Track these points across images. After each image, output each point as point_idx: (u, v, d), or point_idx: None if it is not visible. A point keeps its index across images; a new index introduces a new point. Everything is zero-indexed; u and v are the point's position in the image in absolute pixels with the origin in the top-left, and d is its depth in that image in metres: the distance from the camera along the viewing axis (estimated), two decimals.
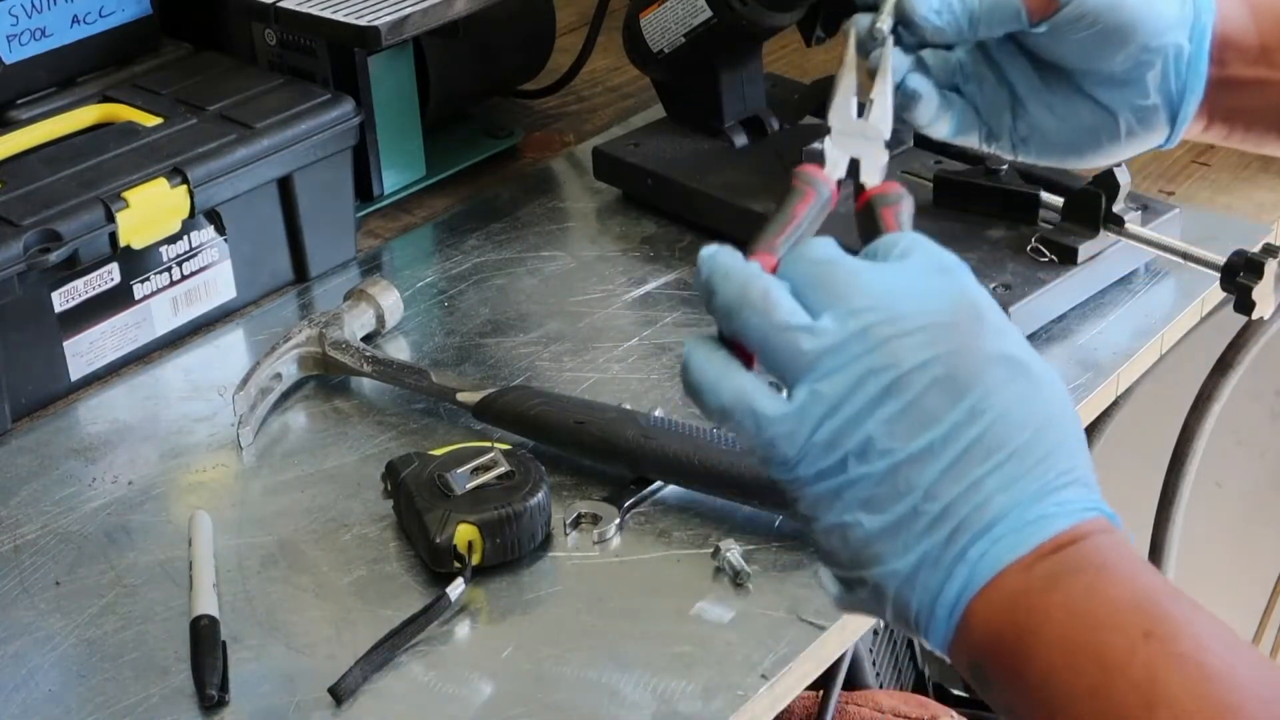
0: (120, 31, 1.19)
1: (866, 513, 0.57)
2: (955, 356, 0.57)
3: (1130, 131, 0.83)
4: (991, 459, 0.56)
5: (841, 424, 0.57)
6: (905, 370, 0.57)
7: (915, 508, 0.56)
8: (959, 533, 0.56)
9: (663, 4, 1.16)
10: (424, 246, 1.19)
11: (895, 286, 0.59)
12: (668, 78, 1.23)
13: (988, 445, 0.56)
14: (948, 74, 0.84)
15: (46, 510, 0.92)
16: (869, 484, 0.57)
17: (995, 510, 0.56)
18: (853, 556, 0.58)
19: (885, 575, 0.57)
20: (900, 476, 0.56)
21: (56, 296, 1.00)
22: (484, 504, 0.84)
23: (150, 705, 0.78)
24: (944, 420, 0.56)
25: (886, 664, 1.42)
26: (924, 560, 0.56)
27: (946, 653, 0.57)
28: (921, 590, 0.57)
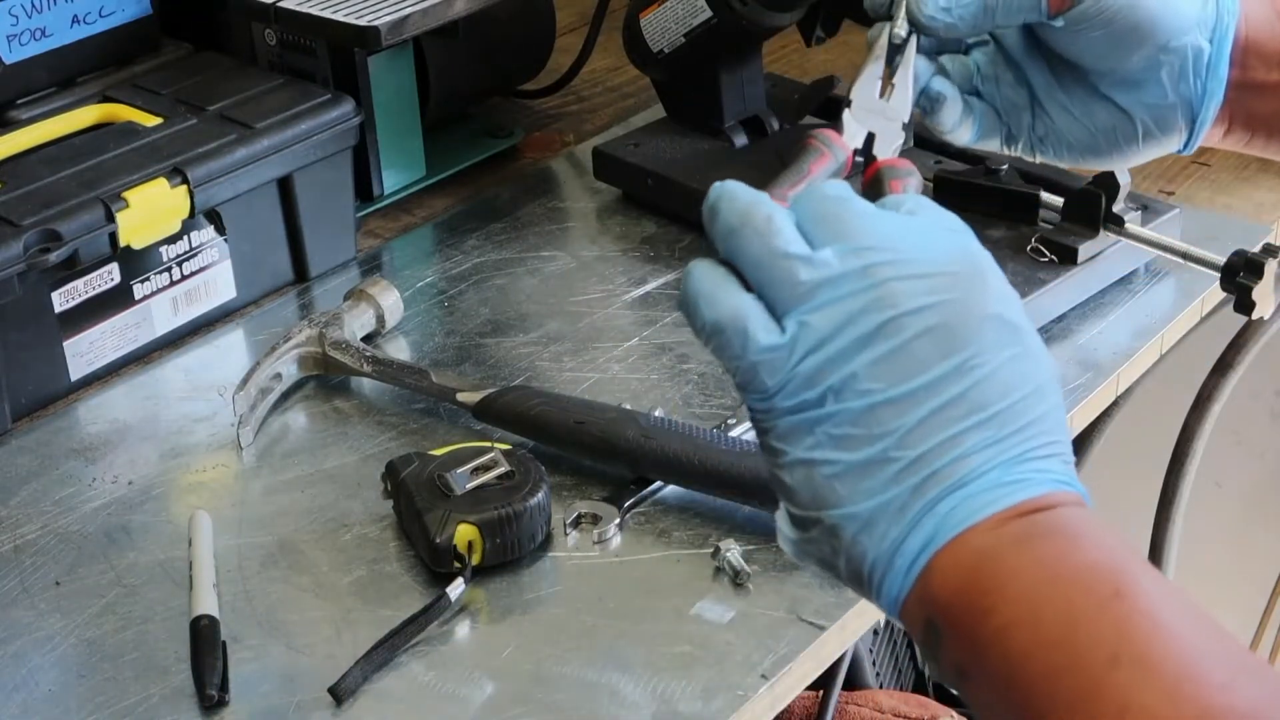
0: (120, 31, 1.19)
1: (836, 451, 0.56)
2: (953, 309, 0.56)
3: (1148, 133, 0.83)
4: (974, 416, 0.55)
5: (827, 359, 0.56)
6: (901, 313, 0.56)
7: (886, 452, 0.55)
8: (929, 484, 0.55)
9: (663, 4, 1.16)
10: (424, 246, 1.19)
11: (902, 233, 0.58)
12: (668, 78, 1.23)
13: (972, 402, 0.55)
14: (967, 78, 0.84)
15: (46, 510, 0.92)
16: (844, 422, 0.56)
17: (971, 467, 0.55)
18: (815, 495, 0.56)
19: (844, 518, 0.56)
20: (876, 418, 0.55)
21: (56, 296, 1.00)
22: (484, 504, 0.84)
23: (150, 705, 0.78)
24: (931, 369, 0.55)
25: (886, 664, 1.42)
26: (887, 507, 0.55)
27: (896, 607, 0.56)
28: (880, 539, 0.55)
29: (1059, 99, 0.83)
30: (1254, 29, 0.79)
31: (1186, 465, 1.42)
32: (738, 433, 0.94)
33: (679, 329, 1.06)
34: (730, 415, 0.96)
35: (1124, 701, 0.49)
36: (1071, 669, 0.50)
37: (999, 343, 0.56)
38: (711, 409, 0.98)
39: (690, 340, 1.04)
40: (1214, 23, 0.79)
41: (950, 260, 0.58)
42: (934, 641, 0.55)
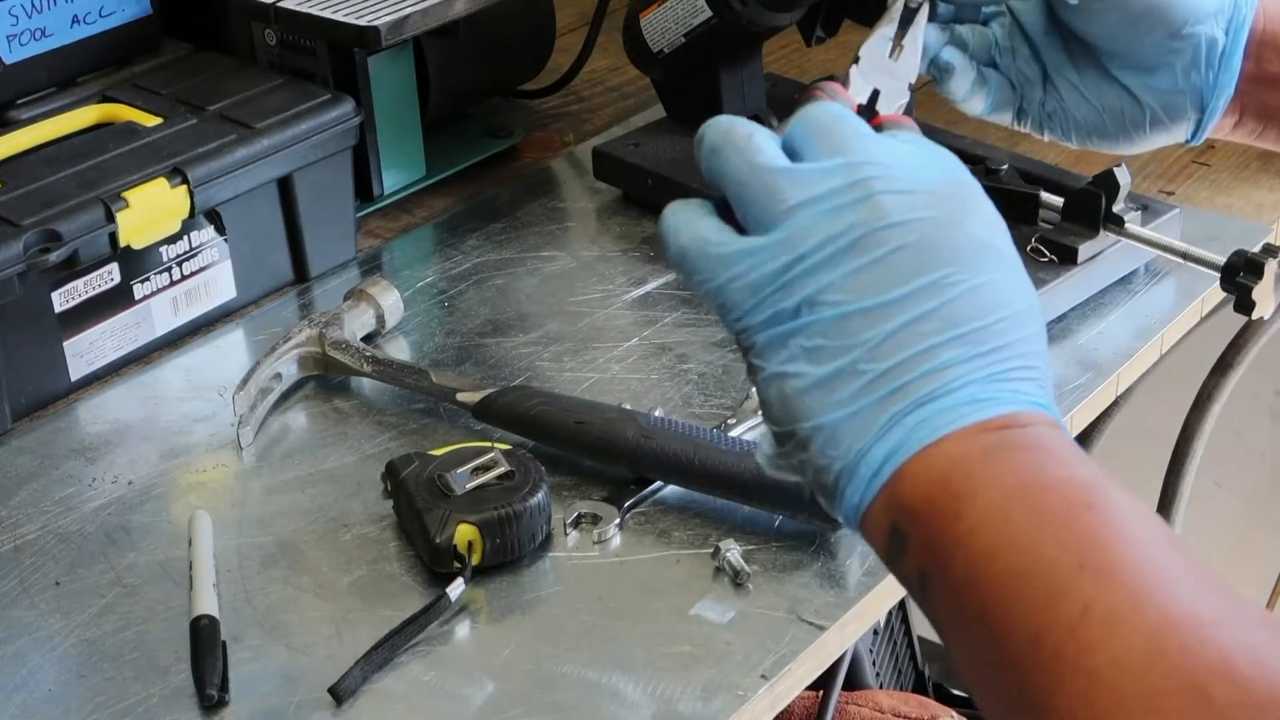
0: (120, 31, 1.19)
1: (807, 364, 0.56)
2: (936, 227, 0.56)
3: (1155, 120, 0.83)
4: (949, 331, 0.55)
5: (804, 269, 0.56)
6: (882, 225, 0.55)
7: (856, 364, 0.55)
8: (898, 397, 0.54)
9: (663, 4, 1.16)
10: (424, 246, 1.19)
11: (893, 153, 0.58)
12: (668, 78, 1.23)
13: (947, 317, 0.55)
14: (985, 50, 0.85)
15: (46, 510, 0.92)
16: (815, 333, 0.56)
17: (944, 381, 0.54)
18: (786, 409, 0.57)
19: (813, 430, 0.56)
20: (847, 328, 0.55)
21: (56, 296, 1.00)
22: (484, 504, 0.84)
23: (150, 705, 0.78)
24: (908, 283, 0.55)
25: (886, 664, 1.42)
26: (854, 419, 0.55)
27: (856, 516, 0.55)
28: (846, 448, 0.55)
29: (1070, 77, 0.83)
30: (1271, 21, 0.79)
31: (1186, 465, 1.42)
32: (738, 433, 0.94)
33: (679, 329, 1.06)
34: (730, 415, 0.96)
35: (1086, 603, 0.48)
36: (1037, 571, 0.50)
37: (980, 264, 0.56)
38: (711, 409, 0.98)
39: (690, 340, 1.04)
40: (1231, 13, 0.79)
41: (939, 182, 0.57)
42: (898, 548, 0.55)
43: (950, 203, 0.57)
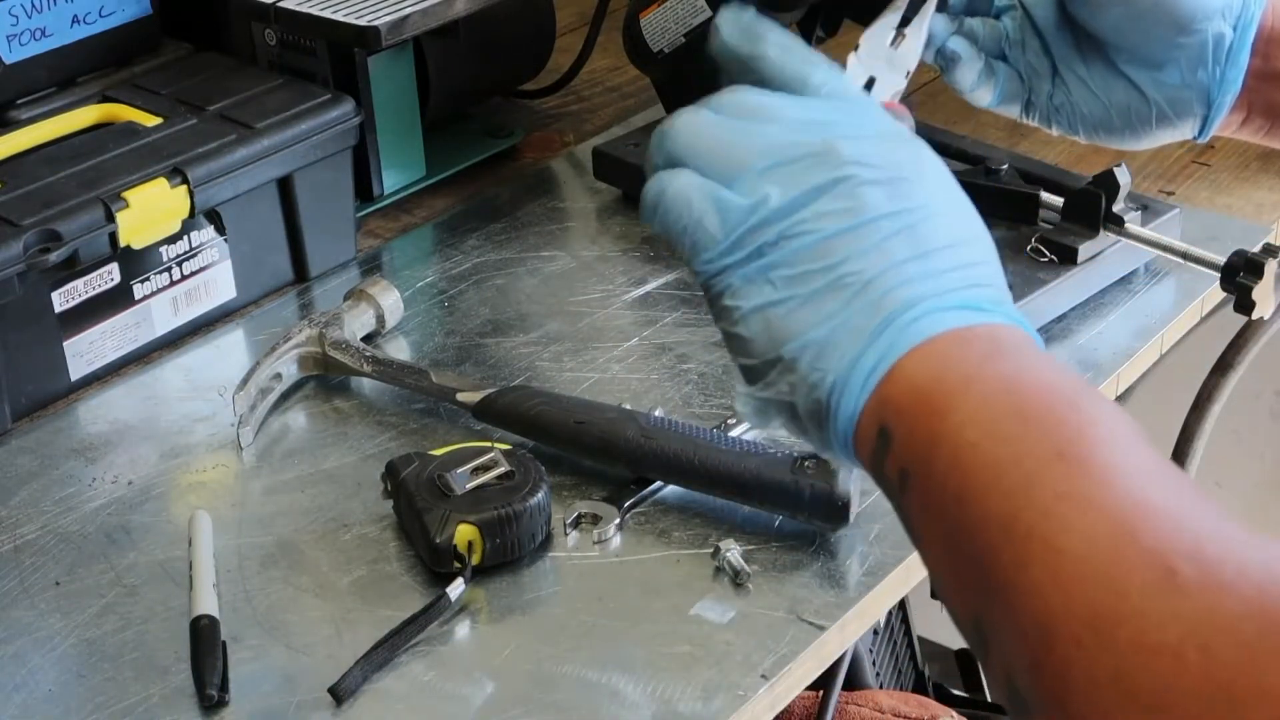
0: (120, 31, 1.19)
1: (792, 288, 0.57)
2: (903, 168, 0.58)
3: (1161, 116, 0.83)
4: (919, 248, 0.57)
5: (783, 204, 0.58)
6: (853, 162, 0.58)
7: (843, 278, 0.56)
8: (889, 300, 0.56)
9: (663, 4, 1.16)
10: (424, 246, 1.19)
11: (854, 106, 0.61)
12: (668, 78, 1.23)
13: (917, 237, 0.57)
14: (995, 42, 0.86)
15: (46, 510, 0.92)
16: (796, 260, 0.57)
17: (933, 287, 0.56)
18: (772, 337, 0.57)
19: (801, 348, 0.57)
20: (830, 248, 0.57)
21: (56, 296, 1.00)
22: (484, 504, 0.84)
23: (150, 705, 0.78)
24: (881, 210, 0.57)
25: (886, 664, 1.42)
26: (844, 327, 0.56)
27: (852, 427, 0.56)
28: (838, 358, 0.56)
29: (1079, 71, 0.84)
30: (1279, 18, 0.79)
31: (1186, 465, 1.42)
32: (738, 433, 0.94)
33: (679, 329, 1.06)
34: (730, 415, 0.96)
35: (1063, 488, 0.49)
36: (1016, 460, 0.50)
37: (944, 201, 0.59)
38: (711, 409, 0.98)
39: (690, 340, 1.04)
40: (1239, 10, 0.79)
41: (884, 130, 0.60)
42: (883, 449, 0.55)
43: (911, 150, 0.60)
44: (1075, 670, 0.45)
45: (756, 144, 0.59)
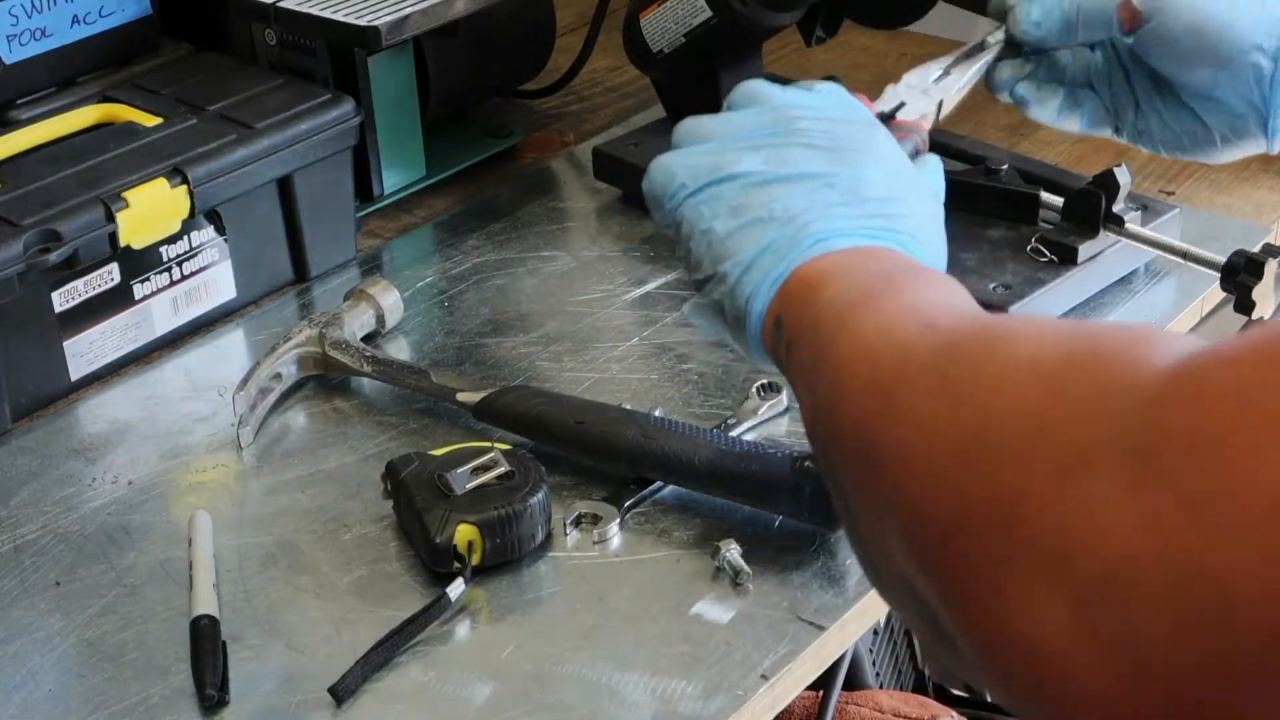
0: (120, 31, 1.19)
1: (731, 218, 0.72)
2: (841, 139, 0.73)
3: (1225, 139, 0.93)
4: (848, 197, 0.70)
5: (731, 153, 0.73)
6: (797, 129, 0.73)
7: (772, 214, 0.70)
8: (802, 232, 0.69)
9: (663, 4, 1.16)
10: (424, 246, 1.19)
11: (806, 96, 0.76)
12: (668, 78, 1.23)
13: (849, 190, 0.71)
14: (1084, 73, 0.97)
15: (46, 510, 0.92)
16: (738, 194, 0.72)
17: (836, 225, 0.69)
18: (713, 255, 0.72)
19: (733, 265, 0.71)
20: (765, 191, 0.71)
21: (56, 296, 1.00)
22: (484, 504, 0.84)
23: (150, 705, 0.78)
24: (816, 166, 0.71)
25: (886, 664, 1.42)
26: (765, 251, 0.70)
27: (760, 323, 0.69)
28: (758, 273, 0.70)
29: (1154, 103, 0.95)
30: None
31: None
32: (738, 433, 0.94)
33: (679, 329, 1.06)
34: (730, 415, 0.96)
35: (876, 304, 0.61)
36: (853, 296, 0.63)
37: (884, 173, 0.72)
38: (711, 409, 0.98)
39: (691, 340, 1.04)
40: (1278, 42, 0.87)
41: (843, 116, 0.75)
42: (777, 333, 0.68)
43: (851, 125, 0.74)
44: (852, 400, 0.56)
45: (734, 122, 0.75)
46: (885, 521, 0.50)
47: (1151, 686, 0.38)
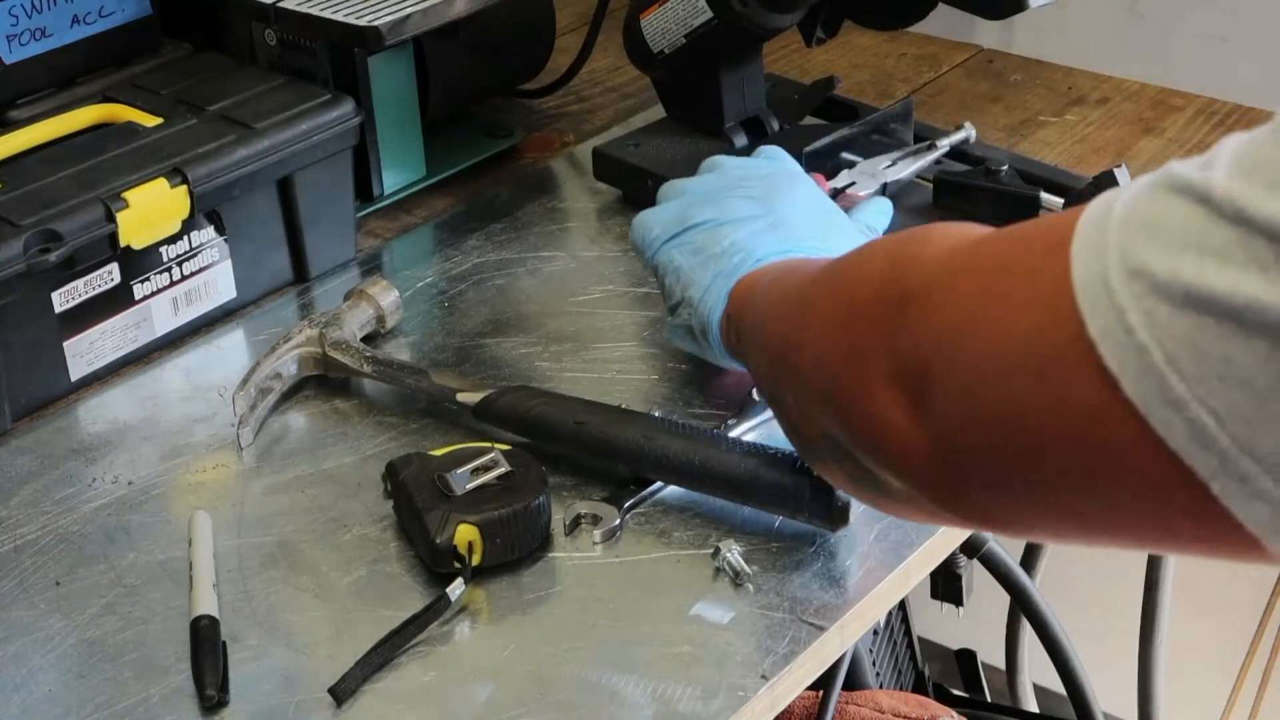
0: (120, 31, 1.19)
1: (693, 256, 0.93)
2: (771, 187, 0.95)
3: None
4: (776, 230, 0.92)
5: (691, 206, 0.95)
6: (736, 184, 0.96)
7: (721, 249, 0.91)
8: (743, 260, 0.90)
9: (663, 4, 1.16)
10: (424, 246, 1.19)
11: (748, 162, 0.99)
12: (668, 78, 1.23)
13: (781, 227, 0.92)
14: None
15: (46, 510, 0.92)
16: (697, 238, 0.93)
17: (774, 250, 0.90)
18: (681, 285, 0.93)
19: (697, 290, 0.91)
20: (716, 232, 0.92)
21: (56, 296, 1.00)
22: (484, 504, 0.84)
23: (150, 705, 0.78)
24: (751, 210, 0.93)
25: (886, 664, 1.42)
26: (719, 275, 0.90)
27: (718, 330, 0.90)
28: (714, 293, 0.90)
29: None
30: None
31: None
32: (738, 433, 0.94)
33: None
34: (730, 416, 0.96)
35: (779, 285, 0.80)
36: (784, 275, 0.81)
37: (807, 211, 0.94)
38: (711, 409, 0.98)
39: None
40: None
41: (773, 172, 0.97)
42: (729, 326, 0.88)
43: (780, 178, 0.96)
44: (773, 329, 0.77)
45: (697, 184, 0.98)
46: (807, 397, 0.70)
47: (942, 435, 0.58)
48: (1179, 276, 0.47)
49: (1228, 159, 0.48)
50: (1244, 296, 0.45)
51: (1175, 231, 0.48)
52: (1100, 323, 0.49)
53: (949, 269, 0.60)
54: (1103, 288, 0.49)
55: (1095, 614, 1.67)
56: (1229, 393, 0.46)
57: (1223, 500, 0.48)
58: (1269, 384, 0.45)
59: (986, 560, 1.26)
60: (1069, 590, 1.64)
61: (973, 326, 0.55)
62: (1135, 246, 0.49)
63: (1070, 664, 1.33)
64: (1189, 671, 1.76)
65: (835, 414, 0.66)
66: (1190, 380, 0.47)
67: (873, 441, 0.63)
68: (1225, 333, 0.46)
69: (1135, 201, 0.50)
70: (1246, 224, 0.46)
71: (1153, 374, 0.48)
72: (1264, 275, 0.45)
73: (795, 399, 0.72)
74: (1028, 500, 0.56)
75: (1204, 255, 0.46)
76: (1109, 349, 0.49)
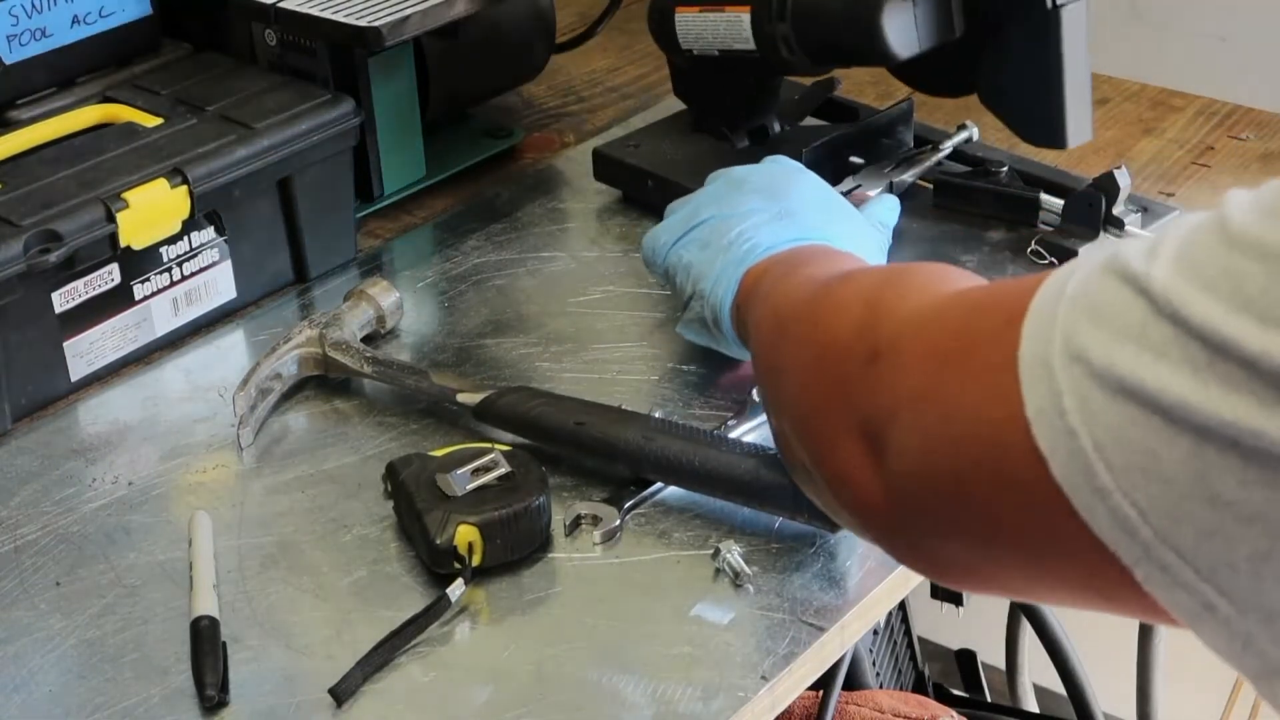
0: (120, 31, 1.19)
1: (701, 251, 0.94)
2: (776, 184, 0.96)
3: None
4: (784, 219, 0.92)
5: (697, 206, 0.97)
6: (741, 182, 0.97)
7: (729, 241, 0.92)
8: (751, 250, 0.91)
9: (704, 10, 1.14)
10: (424, 246, 1.19)
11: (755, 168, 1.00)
12: (688, 68, 1.21)
13: (782, 214, 0.93)
14: None
15: (46, 510, 0.92)
16: (704, 232, 0.95)
17: (776, 239, 0.90)
18: (692, 279, 0.94)
19: (707, 282, 0.92)
20: (722, 226, 0.94)
21: (57, 297, 1.00)
22: (484, 505, 0.84)
23: (150, 706, 0.78)
24: (754, 204, 0.94)
25: (886, 664, 1.42)
26: (727, 268, 0.91)
27: (730, 314, 0.90)
28: (725, 281, 0.91)
29: None
30: None
31: None
32: (737, 434, 0.94)
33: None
34: (730, 416, 0.96)
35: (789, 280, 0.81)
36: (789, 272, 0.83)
37: (814, 204, 0.95)
38: (711, 410, 0.98)
39: (690, 342, 1.04)
40: None
41: (776, 170, 0.99)
42: (739, 316, 0.90)
43: (782, 174, 0.98)
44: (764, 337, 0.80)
45: (702, 193, 1.00)
46: (785, 423, 0.72)
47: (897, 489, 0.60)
48: (1114, 367, 0.47)
49: (1171, 251, 0.48)
50: (1173, 395, 0.46)
51: (1117, 320, 0.48)
52: (1037, 403, 0.50)
53: (916, 329, 0.61)
54: (1044, 369, 0.50)
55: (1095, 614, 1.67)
56: (1150, 487, 0.47)
57: (1146, 587, 0.48)
58: (1189, 483, 0.46)
59: None
60: None
61: (930, 392, 0.57)
62: (1078, 331, 0.49)
63: (1070, 664, 1.33)
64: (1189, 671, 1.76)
65: (806, 451, 0.69)
66: (1115, 470, 0.47)
67: (837, 484, 0.66)
68: (1153, 428, 0.46)
69: (1086, 283, 0.51)
70: (1183, 325, 0.46)
71: (1080, 459, 0.48)
72: (1195, 377, 0.45)
73: (777, 421, 0.76)
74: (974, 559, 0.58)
75: (1142, 349, 0.47)
76: (1041, 430, 0.50)
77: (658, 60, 1.45)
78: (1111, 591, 0.51)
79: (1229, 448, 0.44)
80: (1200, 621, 0.48)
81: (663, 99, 1.38)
